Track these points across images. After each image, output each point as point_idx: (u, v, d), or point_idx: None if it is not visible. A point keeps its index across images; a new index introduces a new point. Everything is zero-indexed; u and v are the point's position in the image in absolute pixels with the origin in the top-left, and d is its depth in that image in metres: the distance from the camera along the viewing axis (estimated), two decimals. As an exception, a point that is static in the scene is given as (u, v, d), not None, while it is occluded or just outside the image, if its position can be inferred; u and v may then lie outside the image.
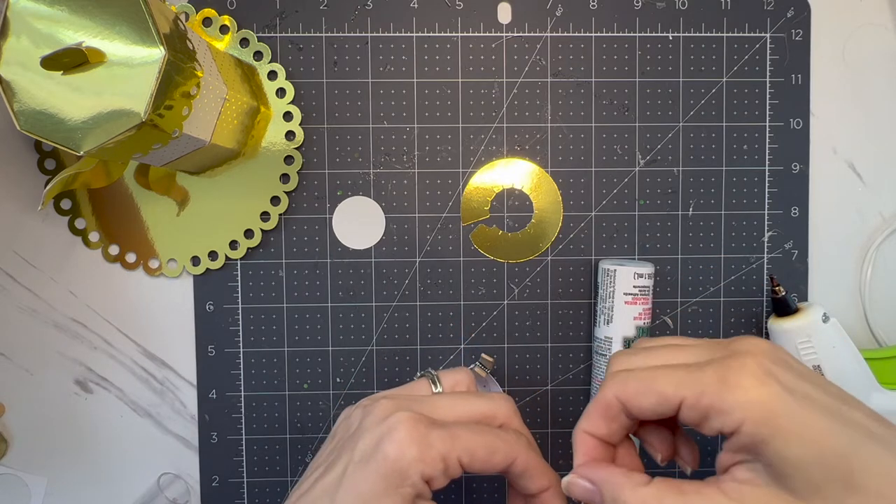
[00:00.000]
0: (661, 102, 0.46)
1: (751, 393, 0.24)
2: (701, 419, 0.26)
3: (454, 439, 0.28)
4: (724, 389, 0.25)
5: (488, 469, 0.29)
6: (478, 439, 0.29)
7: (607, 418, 0.29)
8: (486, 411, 0.31)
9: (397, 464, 0.27)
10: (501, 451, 0.29)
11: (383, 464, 0.27)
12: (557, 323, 0.46)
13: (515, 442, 0.30)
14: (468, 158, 0.45)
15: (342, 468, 0.28)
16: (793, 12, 0.46)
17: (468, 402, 0.31)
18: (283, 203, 0.45)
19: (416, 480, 0.27)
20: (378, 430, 0.28)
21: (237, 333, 0.45)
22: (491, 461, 0.29)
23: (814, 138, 0.46)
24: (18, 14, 0.31)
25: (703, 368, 0.26)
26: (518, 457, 0.29)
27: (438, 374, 0.35)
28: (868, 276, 0.47)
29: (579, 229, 0.46)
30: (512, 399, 0.33)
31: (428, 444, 0.27)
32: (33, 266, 0.45)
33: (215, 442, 0.46)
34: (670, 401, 0.26)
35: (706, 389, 0.25)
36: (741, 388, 0.25)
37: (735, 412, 0.25)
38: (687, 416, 0.26)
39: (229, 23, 0.44)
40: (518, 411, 0.33)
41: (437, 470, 0.27)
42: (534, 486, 0.30)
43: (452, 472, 0.28)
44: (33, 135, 0.32)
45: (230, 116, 0.40)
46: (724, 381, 0.25)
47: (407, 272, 0.46)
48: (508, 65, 0.45)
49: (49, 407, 0.45)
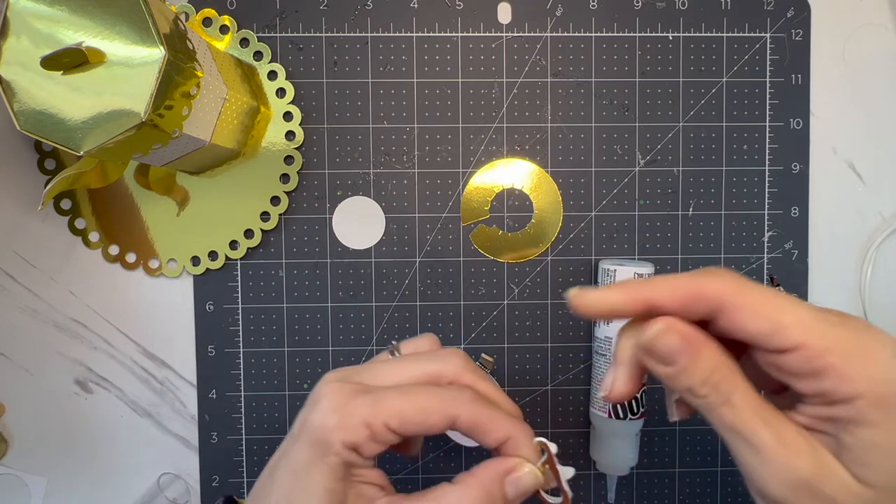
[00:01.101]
0: (661, 102, 0.46)
1: (887, 371, 0.23)
2: (810, 373, 0.23)
3: (378, 404, 0.27)
4: (859, 355, 0.23)
5: (427, 430, 0.27)
6: (408, 401, 0.27)
7: (695, 302, 0.25)
8: (432, 371, 0.29)
9: (319, 433, 0.27)
10: (436, 410, 0.27)
11: (310, 434, 0.27)
12: (557, 323, 0.46)
13: (455, 398, 0.27)
14: (468, 158, 0.45)
15: (284, 445, 0.29)
16: (793, 12, 0.46)
17: (411, 364, 0.29)
18: (283, 203, 0.45)
19: (338, 449, 0.26)
20: (309, 403, 0.28)
21: (237, 333, 0.45)
22: (426, 422, 0.27)
23: (814, 138, 0.46)
24: (18, 14, 0.31)
25: (837, 324, 0.24)
26: (460, 414, 0.27)
27: (400, 344, 0.33)
28: (868, 276, 0.47)
29: (579, 229, 0.46)
30: (463, 353, 0.30)
31: (349, 412, 0.26)
32: (33, 266, 0.45)
33: (215, 442, 0.46)
34: (789, 339, 0.24)
35: (836, 346, 0.23)
36: (878, 363, 0.23)
37: (859, 383, 0.23)
38: (790, 364, 0.24)
39: (229, 23, 0.44)
40: (470, 364, 0.30)
41: (362, 436, 0.26)
42: (489, 440, 0.28)
43: (382, 437, 0.27)
44: (33, 135, 0.32)
45: (230, 116, 0.40)
46: (861, 347, 0.23)
47: (407, 272, 0.46)
48: (508, 65, 0.45)
49: (49, 407, 0.45)
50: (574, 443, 0.47)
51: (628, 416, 0.43)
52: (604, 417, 0.43)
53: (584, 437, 0.46)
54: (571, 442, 0.47)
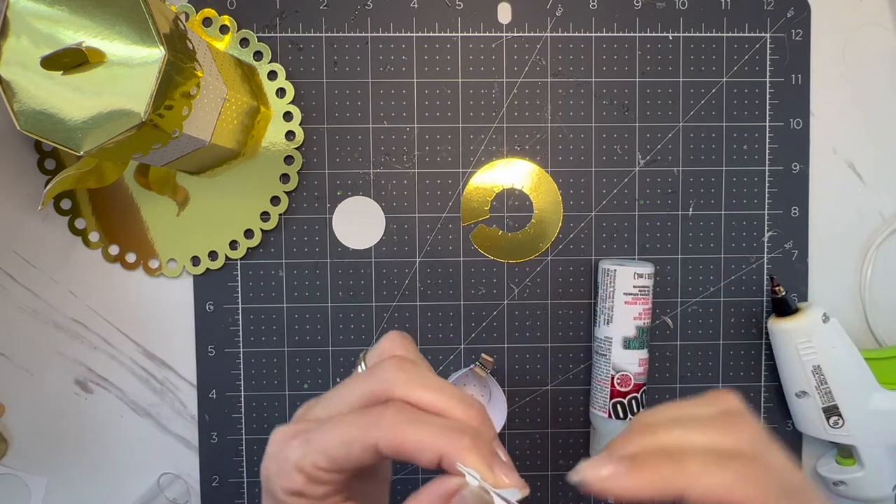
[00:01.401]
0: (661, 102, 0.46)
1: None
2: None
3: (307, 444, 0.24)
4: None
5: (357, 464, 0.24)
6: (332, 435, 0.24)
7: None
8: (367, 392, 0.25)
9: (265, 483, 0.26)
10: (356, 440, 0.24)
11: (263, 483, 0.26)
12: (557, 323, 0.46)
13: (373, 423, 0.24)
14: (468, 158, 0.45)
15: None
16: (793, 12, 0.46)
17: (349, 387, 0.26)
18: (283, 203, 0.45)
19: (283, 498, 0.25)
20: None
21: (237, 333, 0.45)
22: (351, 456, 0.24)
23: (814, 138, 0.46)
24: (18, 14, 0.31)
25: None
26: (378, 440, 0.23)
27: (365, 355, 0.29)
28: (868, 276, 0.47)
29: (579, 229, 0.46)
30: (400, 347, 0.27)
31: (283, 458, 0.25)
32: (33, 266, 0.45)
33: (215, 442, 0.46)
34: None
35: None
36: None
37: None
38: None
39: (229, 23, 0.44)
40: (404, 366, 0.25)
41: (299, 482, 0.24)
42: (422, 462, 0.24)
43: (319, 478, 0.24)
44: (33, 135, 0.32)
45: (230, 116, 0.40)
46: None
47: (407, 272, 0.46)
48: (508, 65, 0.45)
49: (49, 407, 0.45)
50: (574, 443, 0.47)
51: (628, 417, 0.43)
52: (604, 417, 0.43)
53: (584, 437, 0.46)
54: (571, 442, 0.47)
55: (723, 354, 0.46)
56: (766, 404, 0.47)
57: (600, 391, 0.44)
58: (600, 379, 0.44)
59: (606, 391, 0.43)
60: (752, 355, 0.47)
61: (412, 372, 0.25)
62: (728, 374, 0.47)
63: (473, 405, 0.25)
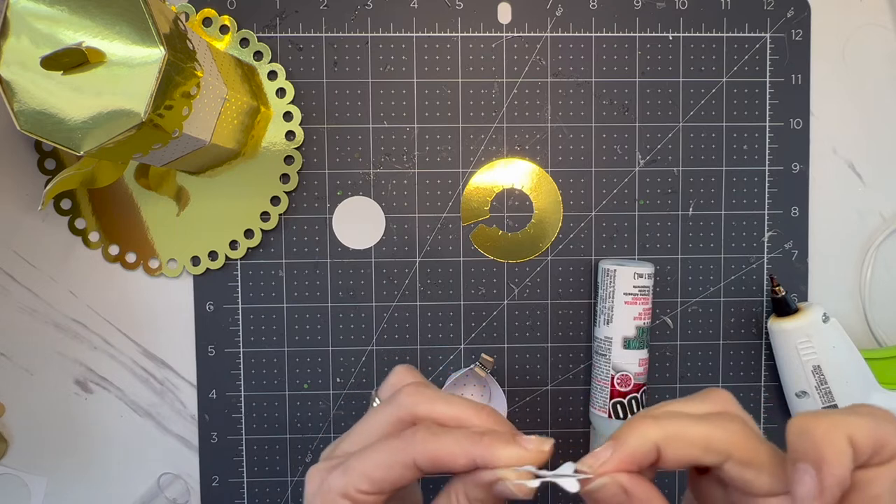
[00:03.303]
0: (661, 102, 0.46)
1: None
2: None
3: (347, 473, 0.27)
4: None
5: (400, 481, 0.26)
6: (370, 461, 0.27)
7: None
8: (392, 420, 0.28)
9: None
10: (395, 462, 0.26)
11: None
12: (557, 323, 0.46)
13: (406, 445, 0.26)
14: (468, 158, 0.45)
15: None
16: (793, 12, 0.46)
17: (374, 418, 0.29)
18: (283, 203, 0.45)
19: None
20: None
21: (237, 333, 0.45)
22: (392, 477, 0.26)
23: (814, 138, 0.46)
24: (18, 14, 0.31)
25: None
26: (415, 458, 0.26)
27: (376, 392, 0.32)
28: (868, 276, 0.47)
29: (579, 229, 0.46)
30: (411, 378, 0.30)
31: (326, 490, 0.27)
32: (33, 266, 0.45)
33: (215, 442, 0.46)
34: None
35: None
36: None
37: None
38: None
39: (229, 23, 0.44)
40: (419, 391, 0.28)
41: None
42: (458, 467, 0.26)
43: (363, 501, 0.26)
44: (33, 135, 0.32)
45: (230, 116, 0.40)
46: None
47: (407, 272, 0.46)
48: (508, 65, 0.45)
49: (49, 407, 0.45)
50: (574, 443, 0.47)
51: (628, 417, 0.43)
52: (604, 417, 0.43)
53: (584, 437, 0.46)
54: (571, 442, 0.47)
55: (723, 354, 0.46)
56: (766, 404, 0.47)
57: (600, 391, 0.44)
58: (600, 379, 0.44)
59: (606, 391, 0.43)
60: (752, 355, 0.47)
61: (429, 394, 0.28)
62: (728, 374, 0.47)
63: (485, 410, 0.28)
